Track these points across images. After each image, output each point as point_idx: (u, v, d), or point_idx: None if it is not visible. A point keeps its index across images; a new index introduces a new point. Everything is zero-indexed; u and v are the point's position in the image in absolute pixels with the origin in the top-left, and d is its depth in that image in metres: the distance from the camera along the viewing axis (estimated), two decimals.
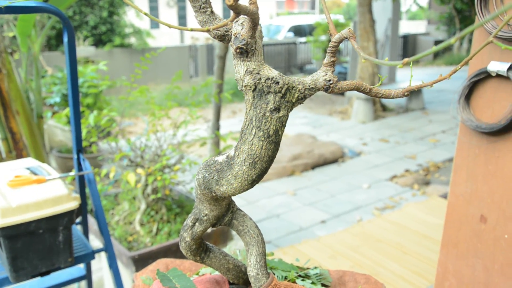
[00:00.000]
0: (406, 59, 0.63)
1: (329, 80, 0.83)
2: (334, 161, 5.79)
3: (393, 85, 9.18)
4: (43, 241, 1.44)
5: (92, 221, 2.56)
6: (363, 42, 8.16)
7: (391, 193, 4.71)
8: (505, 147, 1.34)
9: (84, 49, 9.21)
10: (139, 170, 2.58)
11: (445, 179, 5.05)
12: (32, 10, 1.38)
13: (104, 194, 3.13)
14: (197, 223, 1.00)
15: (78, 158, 1.71)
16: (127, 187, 2.80)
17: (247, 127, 0.85)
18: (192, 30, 0.75)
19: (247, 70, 0.83)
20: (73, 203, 1.48)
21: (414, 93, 8.48)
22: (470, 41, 16.34)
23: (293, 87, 0.85)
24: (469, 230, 1.44)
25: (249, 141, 0.84)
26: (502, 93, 1.35)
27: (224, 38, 0.87)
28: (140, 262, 2.46)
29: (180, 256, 2.65)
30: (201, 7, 0.85)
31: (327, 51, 0.86)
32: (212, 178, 0.89)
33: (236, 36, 0.81)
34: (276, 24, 16.47)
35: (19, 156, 4.09)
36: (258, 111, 0.83)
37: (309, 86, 0.85)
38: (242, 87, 0.84)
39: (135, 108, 8.63)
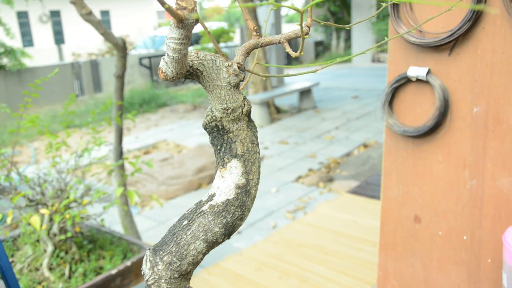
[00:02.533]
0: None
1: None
2: None
3: (283, 87, 9.46)
4: None
5: None
6: None
7: (299, 194, 4.80)
8: (431, 148, 1.39)
9: None
10: (43, 210, 2.31)
11: (346, 174, 5.28)
12: None
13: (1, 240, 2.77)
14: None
15: None
16: (29, 230, 2.50)
17: (250, 150, 0.84)
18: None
19: (243, 96, 0.82)
20: None
21: (304, 93, 8.81)
22: (345, 40, 17.49)
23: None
24: (405, 231, 1.48)
25: (256, 160, 0.84)
26: (422, 97, 1.40)
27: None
28: None
29: None
30: None
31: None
32: (236, 217, 0.82)
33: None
34: (161, 35, 16.18)
35: None
36: (253, 130, 0.84)
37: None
38: (240, 113, 0.81)
39: (19, 134, 7.89)
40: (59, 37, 21.51)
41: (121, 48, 2.90)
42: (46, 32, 20.91)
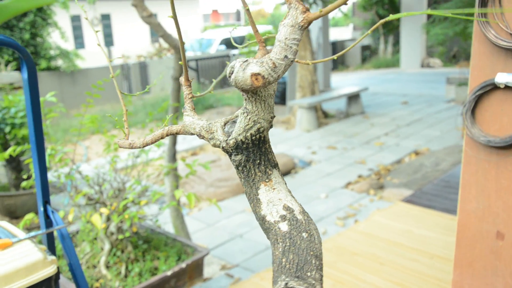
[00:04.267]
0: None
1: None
2: (287, 173, 5.72)
3: (331, 91, 9.33)
4: None
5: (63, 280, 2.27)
6: (300, 51, 8.22)
7: (349, 201, 4.70)
8: None
9: (7, 75, 8.56)
10: (102, 209, 2.34)
11: (397, 181, 5.13)
12: None
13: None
14: None
15: (46, 211, 1.48)
16: (87, 227, 2.54)
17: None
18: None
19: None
20: (50, 269, 1.25)
21: (353, 98, 8.66)
22: (393, 45, 17.11)
23: None
24: (485, 247, 1.39)
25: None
26: (511, 105, 1.31)
27: None
28: None
29: None
30: None
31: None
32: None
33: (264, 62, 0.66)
34: (208, 37, 16.35)
35: None
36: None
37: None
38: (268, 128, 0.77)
39: (70, 134, 8.14)
40: (108, 40, 22.15)
41: (179, 50, 2.91)
42: (96, 37, 21.55)
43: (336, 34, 25.13)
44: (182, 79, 0.87)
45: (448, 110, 8.63)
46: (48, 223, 1.49)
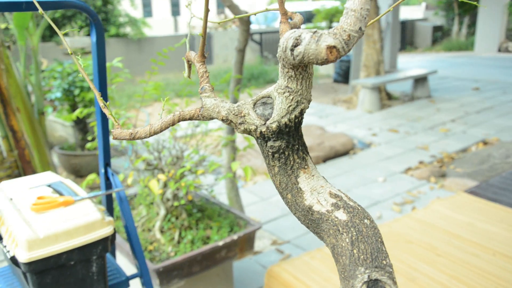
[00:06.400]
0: None
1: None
2: (345, 153, 5.61)
3: (397, 72, 8.99)
4: (75, 274, 1.25)
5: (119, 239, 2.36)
6: (368, 29, 7.94)
7: (408, 187, 4.55)
8: None
9: (79, 40, 8.92)
10: (160, 175, 2.38)
11: (461, 171, 4.90)
12: (57, 6, 1.17)
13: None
14: None
15: (106, 173, 1.51)
16: (145, 192, 2.60)
17: None
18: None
19: None
20: (107, 229, 1.28)
21: (419, 80, 8.30)
22: (469, 26, 16.17)
23: None
24: None
25: None
26: None
27: None
28: (164, 274, 2.28)
29: (206, 266, 2.47)
30: None
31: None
32: None
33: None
34: (273, 11, 16.18)
35: (21, 154, 3.87)
36: None
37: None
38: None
39: (133, 100, 8.40)
40: (175, 9, 22.46)
41: (245, 22, 2.87)
42: (165, 4, 21.91)
43: (407, 13, 24.08)
44: (192, 54, 0.78)
45: None
46: (108, 185, 1.53)
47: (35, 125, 3.89)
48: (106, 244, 1.28)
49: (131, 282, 1.50)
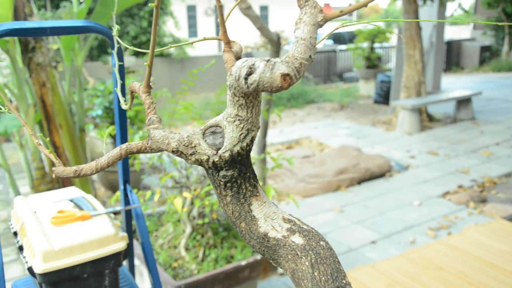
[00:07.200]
0: None
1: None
2: (381, 175, 5.52)
3: (439, 94, 8.79)
4: (88, 286, 1.30)
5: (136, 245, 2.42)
6: (409, 50, 7.85)
7: (444, 212, 4.41)
8: None
9: (124, 59, 9.26)
10: (185, 194, 2.44)
11: (503, 196, 4.71)
12: (78, 30, 1.25)
13: (147, 214, 3.01)
14: None
15: (125, 189, 1.57)
16: (172, 209, 2.66)
17: None
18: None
19: None
20: (120, 244, 1.33)
21: (463, 102, 8.09)
22: None
23: None
24: None
25: None
26: None
27: None
28: None
29: (228, 285, 2.48)
30: None
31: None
32: None
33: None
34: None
35: None
36: None
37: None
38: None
39: (174, 118, 8.60)
40: (219, 30, 22.91)
41: (275, 43, 2.92)
42: (209, 25, 22.45)
43: (454, 33, 23.58)
44: (136, 84, 0.77)
45: None
46: (127, 201, 1.59)
47: (76, 142, 4.06)
48: (119, 259, 1.33)
49: None
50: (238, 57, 0.69)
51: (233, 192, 0.70)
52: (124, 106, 0.80)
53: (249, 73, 0.60)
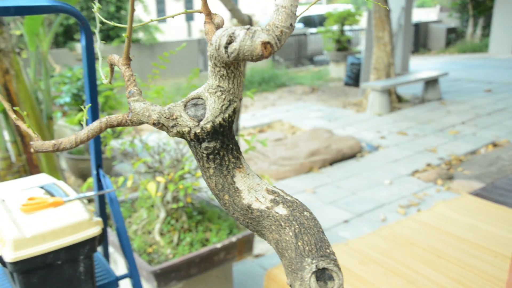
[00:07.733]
0: None
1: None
2: (352, 156, 5.60)
3: (407, 75, 8.93)
4: (62, 274, 1.28)
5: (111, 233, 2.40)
6: (378, 32, 7.92)
7: (414, 189, 4.52)
8: None
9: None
10: (159, 178, 2.42)
11: (469, 173, 4.85)
12: (45, 10, 1.21)
13: (120, 201, 2.98)
14: None
15: (98, 174, 1.55)
16: (145, 195, 2.64)
17: None
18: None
19: None
20: (94, 229, 1.31)
21: (430, 83, 8.24)
22: (483, 28, 16.01)
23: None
24: None
25: None
26: None
27: None
28: (162, 276, 2.31)
29: (204, 268, 2.50)
30: None
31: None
32: None
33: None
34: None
35: (29, 159, 3.95)
36: None
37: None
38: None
39: None
40: (189, 15, 22.63)
41: (247, 25, 2.90)
42: (179, 9, 22.10)
43: (421, 15, 23.90)
44: (116, 57, 0.76)
45: None
46: (100, 186, 1.57)
47: (43, 130, 3.97)
48: (94, 244, 1.32)
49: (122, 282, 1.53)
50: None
51: (216, 164, 0.69)
52: (104, 81, 0.78)
53: (229, 42, 0.59)
